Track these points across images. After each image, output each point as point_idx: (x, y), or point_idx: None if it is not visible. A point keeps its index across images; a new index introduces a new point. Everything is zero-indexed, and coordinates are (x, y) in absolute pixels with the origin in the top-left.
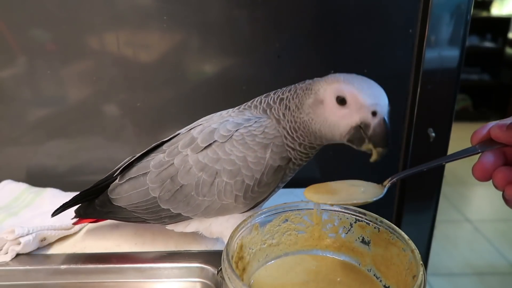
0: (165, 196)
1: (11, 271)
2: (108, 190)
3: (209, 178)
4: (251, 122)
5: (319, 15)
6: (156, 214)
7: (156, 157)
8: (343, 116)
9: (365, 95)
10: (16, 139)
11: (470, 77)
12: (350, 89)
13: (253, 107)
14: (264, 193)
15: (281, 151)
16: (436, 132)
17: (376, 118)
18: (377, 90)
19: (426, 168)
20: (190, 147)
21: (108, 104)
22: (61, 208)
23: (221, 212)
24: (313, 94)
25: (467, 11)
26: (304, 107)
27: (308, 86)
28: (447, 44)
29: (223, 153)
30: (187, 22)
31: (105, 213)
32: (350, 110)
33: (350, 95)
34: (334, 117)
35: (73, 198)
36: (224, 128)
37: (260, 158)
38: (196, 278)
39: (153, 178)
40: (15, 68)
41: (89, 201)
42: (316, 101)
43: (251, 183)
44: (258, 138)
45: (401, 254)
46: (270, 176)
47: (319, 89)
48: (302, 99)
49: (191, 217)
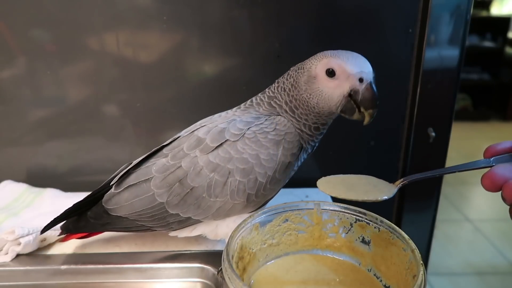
0: (173, 201)
1: (11, 271)
2: (103, 200)
3: (221, 178)
4: (262, 120)
5: (319, 15)
6: (163, 221)
7: (158, 162)
8: (334, 87)
9: (351, 65)
10: (16, 140)
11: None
12: (337, 61)
13: (255, 104)
14: (274, 190)
15: (292, 147)
16: (436, 132)
17: (363, 84)
18: (361, 60)
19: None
20: (199, 148)
21: (108, 104)
22: (52, 223)
23: (231, 212)
24: (306, 71)
25: (467, 10)
26: (300, 85)
27: (300, 66)
28: (447, 44)
29: (235, 152)
30: (187, 22)
31: (101, 225)
32: (339, 80)
33: (338, 67)
34: (327, 89)
35: (64, 212)
36: (234, 127)
37: (273, 155)
38: (197, 278)
39: (158, 183)
40: (15, 69)
41: (78, 215)
42: (309, 77)
43: (263, 181)
44: (270, 135)
45: (401, 254)
46: (281, 173)
47: (311, 66)
48: (296, 78)
49: (201, 220)
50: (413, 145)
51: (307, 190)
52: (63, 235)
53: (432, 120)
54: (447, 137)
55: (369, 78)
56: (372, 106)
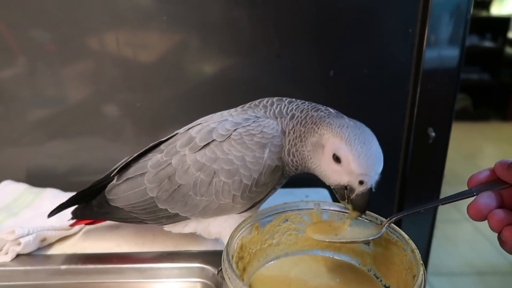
0: (162, 196)
1: (11, 271)
2: (105, 190)
3: (206, 178)
4: (250, 122)
5: (319, 15)
6: (153, 214)
7: (154, 157)
8: (335, 171)
9: (358, 163)
10: (16, 140)
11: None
12: (347, 152)
13: (262, 107)
14: (261, 193)
15: (279, 151)
16: (436, 132)
17: (362, 187)
18: (373, 160)
19: (423, 210)
20: (188, 146)
21: (108, 104)
22: (58, 209)
23: (219, 212)
24: (318, 135)
25: (467, 10)
26: (307, 142)
27: (317, 122)
28: (447, 44)
29: (221, 152)
30: (187, 22)
31: (102, 214)
32: (342, 169)
33: (345, 158)
34: (327, 168)
35: (70, 199)
36: (222, 128)
37: (258, 157)
38: (196, 278)
39: (150, 178)
40: (15, 69)
41: (86, 202)
42: (318, 143)
43: (248, 183)
44: (256, 138)
45: (401, 254)
46: (268, 176)
47: (324, 134)
48: (307, 133)
49: (189, 217)
50: (413, 145)
51: (307, 190)
52: (73, 220)
53: (432, 120)
54: (447, 137)
55: (370, 182)
56: (360, 211)
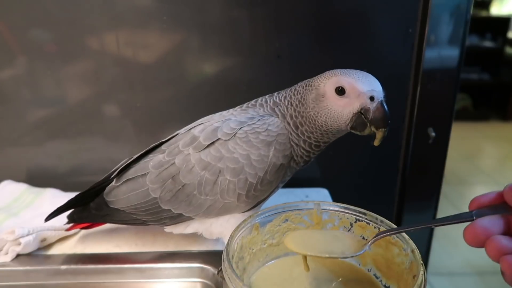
0: (166, 196)
1: (11, 271)
2: (104, 192)
3: (211, 177)
4: (255, 120)
5: (319, 15)
6: (156, 215)
7: (155, 157)
8: (344, 105)
9: (362, 83)
10: (16, 140)
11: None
12: (347, 80)
13: (258, 106)
14: (266, 191)
15: (284, 149)
16: (436, 132)
17: (374, 103)
18: (372, 79)
19: (413, 230)
20: (192, 145)
21: (108, 104)
22: (55, 212)
23: (223, 211)
24: (314, 89)
25: (467, 10)
26: (308, 102)
27: (308, 83)
28: (447, 44)
29: (226, 151)
30: (187, 22)
31: (101, 217)
32: (350, 98)
33: (348, 85)
34: (336, 107)
35: (68, 202)
36: (227, 126)
37: (264, 156)
38: (196, 278)
39: (153, 178)
40: (15, 69)
41: (83, 205)
42: (318, 95)
43: (254, 181)
44: (261, 136)
45: (401, 254)
46: (272, 174)
47: (319, 84)
48: (304, 95)
49: (193, 217)
50: (413, 145)
51: (307, 190)
52: (69, 225)
53: (432, 120)
54: (447, 137)
55: (380, 96)
56: (383, 125)
